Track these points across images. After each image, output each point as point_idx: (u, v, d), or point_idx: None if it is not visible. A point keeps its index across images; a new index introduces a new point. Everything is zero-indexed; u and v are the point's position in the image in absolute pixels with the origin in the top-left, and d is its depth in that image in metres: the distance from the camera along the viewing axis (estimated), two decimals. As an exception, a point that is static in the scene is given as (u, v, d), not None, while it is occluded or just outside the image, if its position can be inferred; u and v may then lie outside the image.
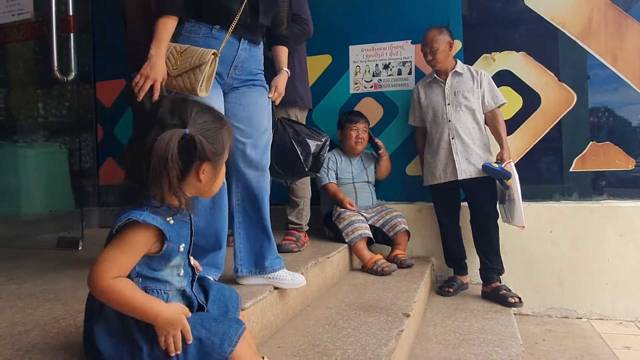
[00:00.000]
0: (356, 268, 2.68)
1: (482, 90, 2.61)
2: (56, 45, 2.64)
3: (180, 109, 0.95)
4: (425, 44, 2.63)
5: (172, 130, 0.91)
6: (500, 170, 2.44)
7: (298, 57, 2.49)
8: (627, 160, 2.72)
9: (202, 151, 0.94)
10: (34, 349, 1.11)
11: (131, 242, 0.92)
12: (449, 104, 2.62)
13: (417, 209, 2.97)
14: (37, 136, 3.46)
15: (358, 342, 1.51)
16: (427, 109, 2.72)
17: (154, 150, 0.88)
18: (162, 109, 0.95)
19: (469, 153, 2.57)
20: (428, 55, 2.62)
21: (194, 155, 0.95)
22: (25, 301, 1.55)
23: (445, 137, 2.62)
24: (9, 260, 2.30)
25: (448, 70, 2.64)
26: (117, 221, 0.92)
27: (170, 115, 0.94)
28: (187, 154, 0.94)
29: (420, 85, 2.80)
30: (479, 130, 2.61)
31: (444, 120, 2.63)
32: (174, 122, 0.93)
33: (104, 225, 3.72)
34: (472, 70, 2.66)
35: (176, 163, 0.90)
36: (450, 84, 2.64)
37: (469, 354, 1.76)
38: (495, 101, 2.61)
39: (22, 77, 3.44)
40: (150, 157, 0.89)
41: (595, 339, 2.40)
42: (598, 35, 2.76)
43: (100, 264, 0.90)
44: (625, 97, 2.75)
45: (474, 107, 2.59)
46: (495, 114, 2.62)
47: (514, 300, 2.41)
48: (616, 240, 2.67)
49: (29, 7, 2.98)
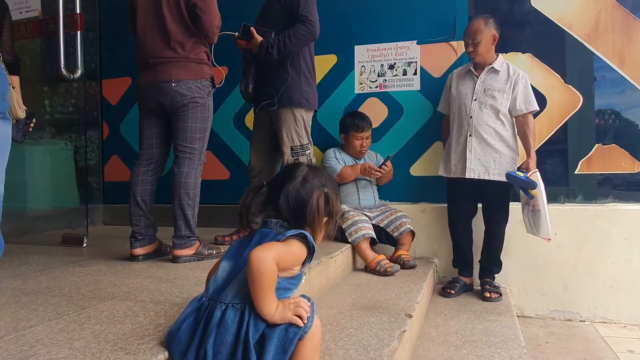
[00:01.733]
0: (359, 268, 2.68)
1: (515, 92, 2.52)
2: (63, 43, 2.67)
3: (320, 174, 1.23)
4: (468, 34, 2.52)
5: (321, 189, 1.18)
6: (525, 179, 2.36)
7: (304, 58, 2.49)
8: (633, 163, 2.70)
9: (331, 207, 1.20)
10: (38, 344, 1.12)
11: (294, 249, 1.11)
12: (476, 99, 2.56)
13: (420, 210, 2.97)
14: (43, 133, 3.48)
15: (360, 342, 1.51)
16: (455, 100, 2.66)
17: (310, 202, 1.16)
18: (304, 171, 1.21)
19: (484, 154, 2.53)
20: (470, 47, 2.52)
21: (327, 209, 1.20)
22: (30, 297, 1.56)
23: (464, 132, 2.58)
24: (14, 256, 2.32)
25: (486, 65, 2.56)
26: (287, 232, 1.12)
27: (312, 176, 1.21)
28: (325, 207, 1.19)
29: (455, 74, 2.73)
30: (504, 131, 2.53)
31: (467, 116, 2.57)
32: (315, 182, 1.19)
33: (109, 223, 3.75)
34: (511, 68, 2.56)
35: (322, 213, 1.17)
36: (483, 79, 2.57)
37: (471, 356, 1.76)
38: (527, 107, 2.52)
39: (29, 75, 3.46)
40: (307, 206, 1.16)
41: (598, 342, 2.39)
42: (605, 37, 2.74)
43: (271, 249, 1.07)
44: (632, 99, 2.73)
45: (500, 107, 2.51)
46: (527, 119, 2.53)
47: (489, 295, 2.48)
48: (621, 243, 2.66)
49: (37, 5, 3.01)
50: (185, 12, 2.08)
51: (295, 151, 2.45)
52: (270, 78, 2.47)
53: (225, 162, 3.45)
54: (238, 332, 1.05)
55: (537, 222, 2.39)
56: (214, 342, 1.04)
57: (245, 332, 1.04)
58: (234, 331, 1.05)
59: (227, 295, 1.08)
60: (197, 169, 2.13)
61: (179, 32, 2.09)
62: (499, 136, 2.54)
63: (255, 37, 2.37)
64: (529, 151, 2.51)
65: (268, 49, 2.35)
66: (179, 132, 2.12)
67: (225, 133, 3.43)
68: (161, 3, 2.09)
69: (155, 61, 2.11)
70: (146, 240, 2.16)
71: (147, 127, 2.21)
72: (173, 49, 2.09)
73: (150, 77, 2.12)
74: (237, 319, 1.06)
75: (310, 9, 2.38)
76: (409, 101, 3.03)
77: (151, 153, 2.20)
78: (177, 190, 2.08)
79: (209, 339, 1.04)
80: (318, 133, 3.09)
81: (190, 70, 2.10)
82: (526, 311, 2.79)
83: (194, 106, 2.11)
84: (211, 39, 2.15)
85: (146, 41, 2.13)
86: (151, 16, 2.12)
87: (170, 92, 2.08)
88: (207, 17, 2.07)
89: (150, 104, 2.16)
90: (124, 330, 1.22)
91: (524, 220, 2.58)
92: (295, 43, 2.35)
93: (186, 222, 2.09)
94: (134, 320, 1.30)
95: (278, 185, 1.20)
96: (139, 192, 2.15)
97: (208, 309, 1.08)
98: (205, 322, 1.07)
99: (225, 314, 1.06)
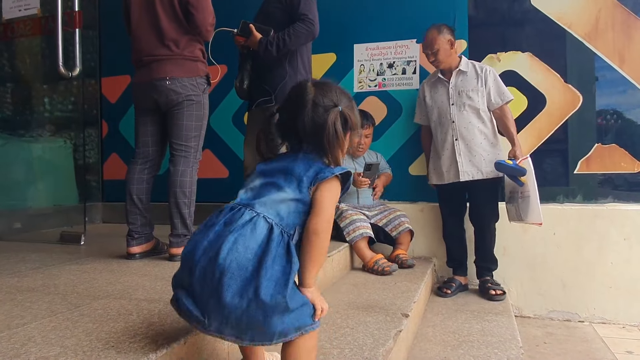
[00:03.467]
0: (357, 267, 2.68)
1: (487, 88, 2.56)
2: (62, 40, 2.66)
3: (329, 92, 1.13)
4: (426, 46, 2.59)
5: (334, 110, 1.10)
6: (514, 167, 2.37)
7: (301, 56, 2.48)
8: (633, 163, 2.69)
9: (350, 123, 1.14)
10: (30, 342, 1.11)
11: (334, 194, 1.09)
12: (453, 104, 2.59)
13: (419, 209, 2.96)
14: (43, 131, 3.48)
15: (355, 342, 1.50)
16: (432, 109, 2.69)
17: (327, 128, 1.08)
18: (311, 93, 1.12)
19: (472, 155, 2.55)
20: (430, 57, 2.58)
21: (346, 127, 1.14)
22: (25, 295, 1.56)
23: (449, 138, 2.60)
24: (12, 253, 2.32)
25: (452, 69, 2.60)
26: (335, 170, 1.09)
27: (322, 97, 1.12)
28: (343, 127, 1.12)
29: (425, 84, 2.77)
30: (486, 128, 2.57)
31: (448, 121, 2.60)
32: (326, 103, 1.11)
33: (107, 221, 3.75)
34: (477, 67, 2.60)
35: (341, 135, 1.11)
36: (454, 83, 2.60)
37: (468, 356, 1.75)
38: (502, 98, 2.56)
39: (28, 72, 3.46)
40: (324, 133, 1.08)
41: (597, 343, 2.38)
42: (605, 37, 2.73)
43: (329, 212, 1.06)
44: (632, 99, 2.72)
45: (478, 106, 2.56)
46: (504, 111, 2.56)
47: (494, 292, 2.47)
48: (620, 243, 2.64)
49: (36, 3, 3.00)
50: (179, 9, 2.07)
51: None
52: (267, 75, 2.46)
53: (224, 161, 3.45)
54: (266, 244, 0.98)
55: (526, 207, 2.38)
56: (234, 242, 0.97)
57: (272, 251, 0.98)
58: (261, 240, 0.99)
59: (262, 208, 1.03)
60: (192, 167, 2.13)
61: (173, 29, 2.08)
62: (483, 134, 2.57)
63: (254, 35, 2.37)
64: (512, 140, 2.53)
65: (267, 47, 2.34)
66: (174, 131, 2.12)
67: (224, 132, 3.43)
68: (154, 1, 2.09)
69: (149, 59, 2.10)
70: (142, 238, 2.16)
71: (142, 125, 2.20)
72: (167, 46, 2.08)
73: (145, 75, 2.12)
74: (266, 232, 1.00)
75: (310, 7, 2.37)
76: (408, 100, 3.02)
77: (147, 151, 2.20)
78: (172, 189, 2.08)
79: (228, 237, 0.98)
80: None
81: (185, 67, 2.10)
82: (524, 311, 2.78)
83: (189, 104, 2.11)
84: (205, 37, 2.15)
85: (140, 39, 2.13)
86: (145, 14, 2.11)
87: (164, 90, 2.07)
88: (200, 15, 2.06)
89: (145, 102, 2.16)
90: (117, 329, 1.21)
91: (508, 209, 2.57)
92: (294, 41, 2.34)
93: (182, 220, 2.09)
94: (127, 319, 1.29)
95: (290, 113, 1.14)
96: (135, 191, 2.14)
97: (234, 211, 1.04)
98: (228, 221, 1.02)
99: (256, 221, 1.01)
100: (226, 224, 1.02)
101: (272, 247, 0.99)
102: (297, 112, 1.11)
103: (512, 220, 2.54)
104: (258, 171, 1.15)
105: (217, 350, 1.29)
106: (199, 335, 1.20)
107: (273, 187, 1.08)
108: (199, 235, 1.04)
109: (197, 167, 2.16)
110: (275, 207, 1.04)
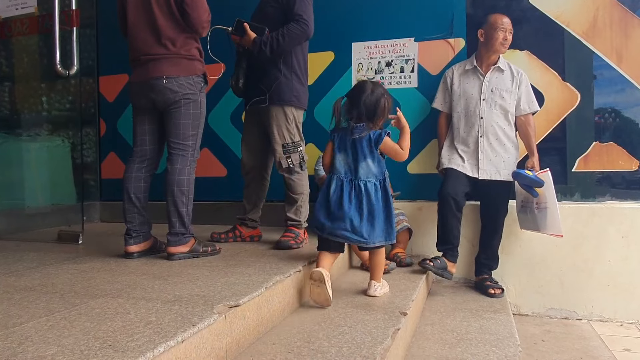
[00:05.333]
0: (355, 266, 2.67)
1: (519, 92, 2.53)
2: (59, 39, 2.65)
3: (379, 85, 1.96)
4: (506, 25, 2.50)
5: (384, 96, 1.93)
6: (534, 178, 2.37)
7: (297, 56, 2.47)
8: (631, 161, 2.70)
9: (387, 108, 1.94)
10: (27, 341, 1.11)
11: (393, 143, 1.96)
12: (484, 99, 2.54)
13: (417, 208, 2.96)
14: (41, 130, 3.48)
15: (354, 340, 1.50)
16: (460, 98, 2.63)
17: (380, 104, 1.92)
18: (370, 85, 1.95)
19: (494, 154, 2.53)
20: (508, 36, 2.50)
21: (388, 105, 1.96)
22: (22, 294, 1.56)
23: (474, 133, 2.56)
24: (10, 252, 2.32)
25: (491, 64, 2.56)
26: (384, 132, 1.94)
27: (375, 87, 1.94)
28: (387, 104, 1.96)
29: (455, 70, 2.70)
30: (511, 131, 2.55)
31: (476, 116, 2.56)
32: (379, 90, 1.93)
33: (106, 220, 3.74)
34: (513, 69, 2.57)
35: (389, 109, 1.96)
36: (489, 78, 2.56)
37: (466, 354, 1.75)
38: (530, 106, 2.55)
39: (25, 71, 3.45)
40: (378, 106, 1.91)
41: (595, 341, 2.38)
42: (603, 35, 2.73)
43: (397, 147, 1.97)
44: (630, 97, 2.72)
45: (509, 108, 2.53)
46: (529, 119, 2.56)
47: (493, 292, 2.46)
48: (618, 241, 2.65)
49: (33, 1, 2.99)
50: (175, 8, 2.07)
51: (287, 149, 2.43)
52: (262, 75, 2.45)
53: (222, 160, 3.44)
54: (384, 196, 1.92)
55: (544, 219, 2.39)
56: (366, 197, 1.89)
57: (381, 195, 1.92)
58: (375, 196, 1.90)
59: (362, 176, 1.91)
60: (190, 165, 2.12)
61: (169, 28, 2.08)
62: (507, 137, 2.55)
63: (249, 34, 2.36)
64: (532, 150, 2.51)
65: (261, 47, 2.33)
66: (172, 129, 2.11)
67: (222, 130, 3.42)
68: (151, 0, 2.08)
69: (146, 58, 2.10)
70: (141, 237, 2.15)
71: (140, 124, 2.20)
72: (164, 45, 2.08)
73: (142, 74, 2.11)
74: (373, 189, 1.91)
75: (306, 7, 2.36)
76: (406, 98, 3.02)
77: (144, 150, 2.19)
78: (170, 188, 2.07)
79: (362, 196, 1.89)
80: (315, 130, 3.09)
81: (181, 66, 2.09)
82: (523, 309, 2.78)
83: (186, 103, 2.10)
84: (200, 34, 2.14)
85: (137, 38, 2.12)
86: (141, 13, 2.11)
87: (161, 89, 2.07)
88: (195, 13, 2.06)
89: (142, 101, 2.15)
90: (114, 328, 1.21)
91: (520, 218, 2.57)
92: (288, 42, 2.34)
93: (180, 219, 2.08)
94: (124, 318, 1.29)
95: (355, 99, 1.92)
96: (132, 189, 2.14)
97: (352, 184, 1.91)
98: (353, 188, 1.91)
99: (367, 187, 1.90)
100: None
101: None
102: (360, 97, 1.91)
103: (526, 229, 2.53)
104: (338, 149, 1.99)
105: (215, 350, 1.29)
106: (196, 334, 1.20)
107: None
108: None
109: (194, 165, 2.16)
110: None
